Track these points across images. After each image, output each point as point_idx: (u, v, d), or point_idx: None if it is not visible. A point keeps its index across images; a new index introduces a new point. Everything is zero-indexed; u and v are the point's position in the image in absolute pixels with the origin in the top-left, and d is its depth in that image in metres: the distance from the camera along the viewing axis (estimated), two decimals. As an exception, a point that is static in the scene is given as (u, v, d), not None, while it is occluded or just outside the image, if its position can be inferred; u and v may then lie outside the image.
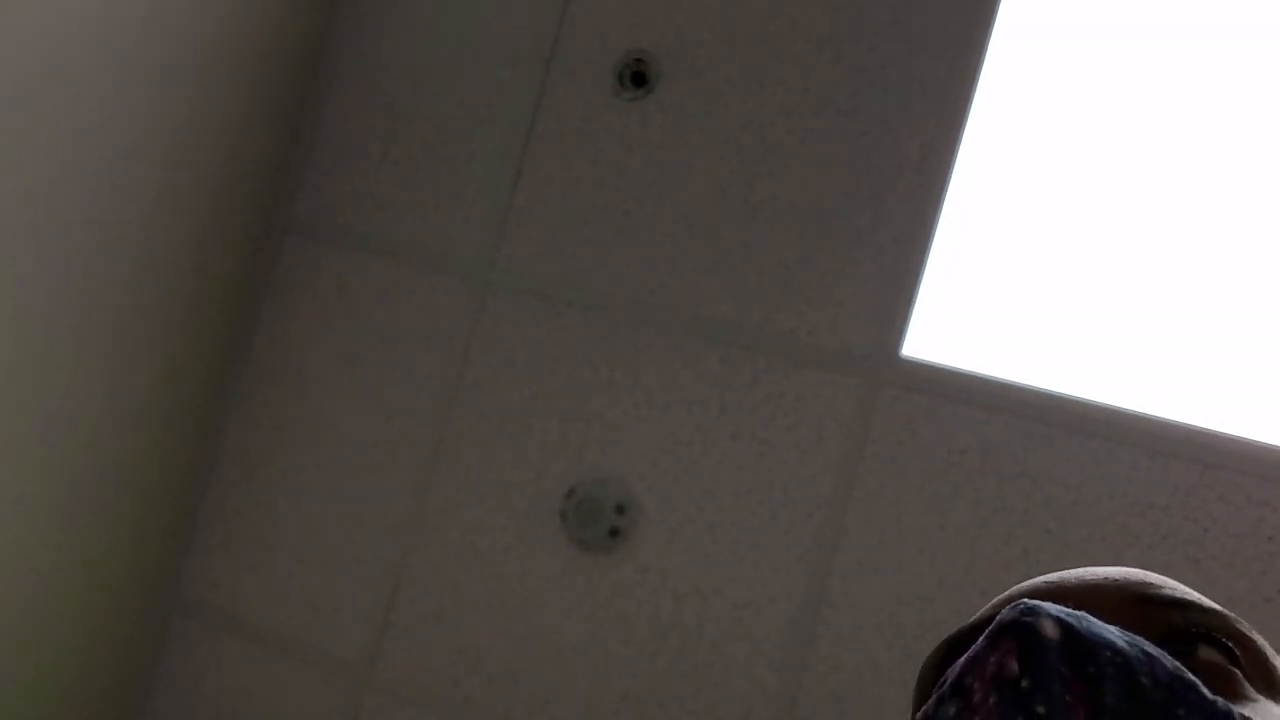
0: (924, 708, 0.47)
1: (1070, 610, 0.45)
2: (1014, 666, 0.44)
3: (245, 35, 2.21)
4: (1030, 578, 1.81)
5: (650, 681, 2.01)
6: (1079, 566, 1.78)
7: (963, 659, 0.46)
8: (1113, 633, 0.45)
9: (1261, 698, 0.53)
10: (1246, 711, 0.50)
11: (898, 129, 1.97)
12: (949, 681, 0.46)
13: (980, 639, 0.46)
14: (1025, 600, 0.46)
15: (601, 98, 2.17)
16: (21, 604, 2.11)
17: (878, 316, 1.95)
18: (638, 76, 2.15)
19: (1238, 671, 0.54)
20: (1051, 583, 0.59)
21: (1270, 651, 0.57)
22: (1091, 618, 0.45)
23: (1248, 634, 0.56)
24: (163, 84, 2.07)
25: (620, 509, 2.05)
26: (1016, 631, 0.44)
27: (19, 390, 1.99)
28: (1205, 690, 0.43)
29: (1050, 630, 0.44)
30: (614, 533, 2.05)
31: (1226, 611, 0.56)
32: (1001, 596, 0.62)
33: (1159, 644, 0.54)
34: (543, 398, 2.14)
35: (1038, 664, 0.43)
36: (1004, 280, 1.93)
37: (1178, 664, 0.44)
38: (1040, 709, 0.42)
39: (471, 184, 2.25)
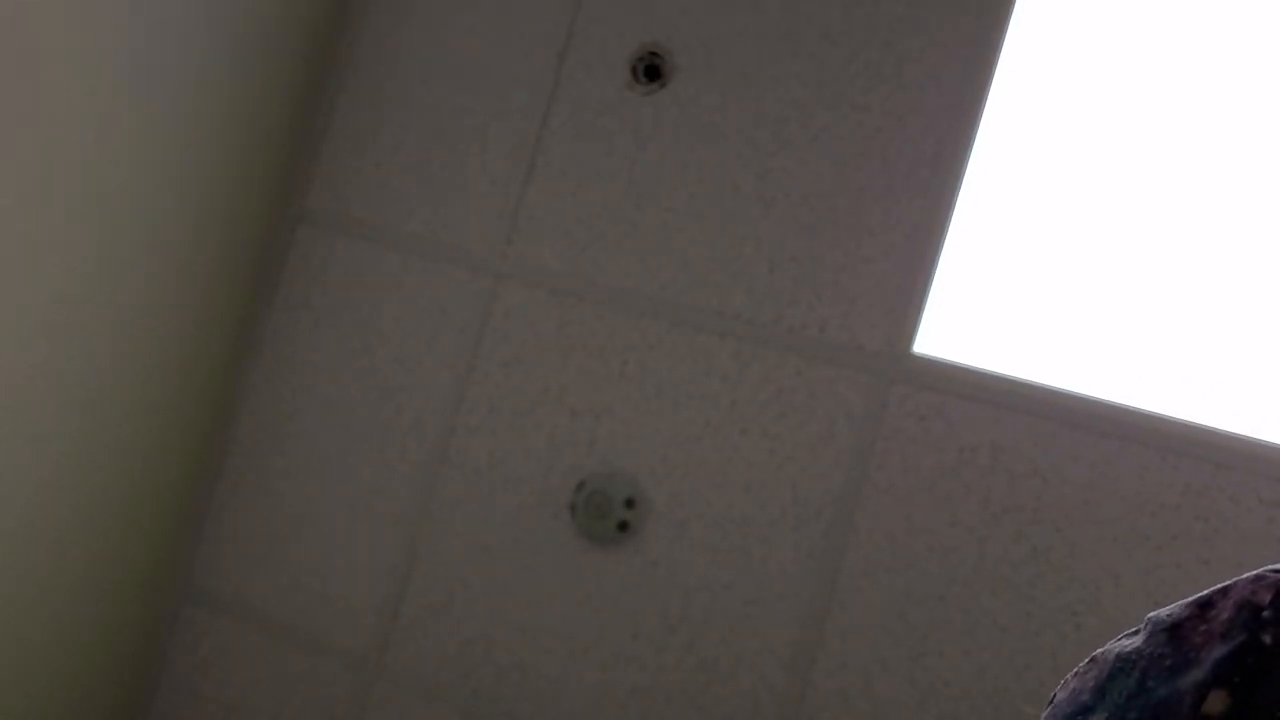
0: (1163, 611, 0.48)
1: None
2: (1265, 597, 0.43)
3: (259, 26, 2.21)
4: (1038, 574, 1.81)
5: (658, 676, 2.02)
6: (1089, 564, 1.78)
7: (1217, 587, 0.47)
8: None
9: None
10: None
11: (911, 125, 1.96)
12: (1198, 596, 0.47)
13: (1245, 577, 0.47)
14: None
15: (615, 91, 2.17)
16: (33, 593, 2.12)
17: (890, 313, 1.95)
18: (651, 70, 2.14)
19: None
20: None
21: None
22: None
23: None
24: (176, 75, 2.07)
25: (630, 503, 2.05)
26: None
27: (31, 381, 1.99)
28: None
29: None
30: (623, 527, 2.05)
31: None
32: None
33: None
34: (553, 391, 2.14)
35: None
36: (1016, 278, 1.93)
37: None
38: (1267, 639, 0.42)
39: (484, 176, 2.25)
